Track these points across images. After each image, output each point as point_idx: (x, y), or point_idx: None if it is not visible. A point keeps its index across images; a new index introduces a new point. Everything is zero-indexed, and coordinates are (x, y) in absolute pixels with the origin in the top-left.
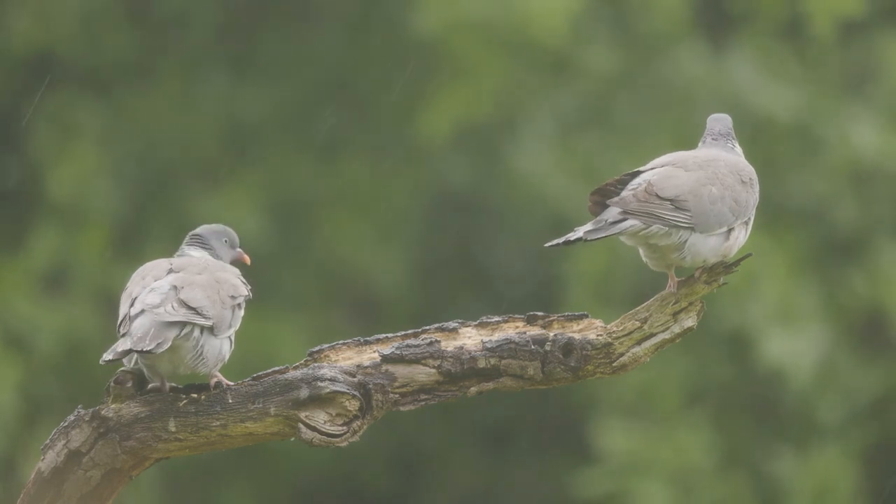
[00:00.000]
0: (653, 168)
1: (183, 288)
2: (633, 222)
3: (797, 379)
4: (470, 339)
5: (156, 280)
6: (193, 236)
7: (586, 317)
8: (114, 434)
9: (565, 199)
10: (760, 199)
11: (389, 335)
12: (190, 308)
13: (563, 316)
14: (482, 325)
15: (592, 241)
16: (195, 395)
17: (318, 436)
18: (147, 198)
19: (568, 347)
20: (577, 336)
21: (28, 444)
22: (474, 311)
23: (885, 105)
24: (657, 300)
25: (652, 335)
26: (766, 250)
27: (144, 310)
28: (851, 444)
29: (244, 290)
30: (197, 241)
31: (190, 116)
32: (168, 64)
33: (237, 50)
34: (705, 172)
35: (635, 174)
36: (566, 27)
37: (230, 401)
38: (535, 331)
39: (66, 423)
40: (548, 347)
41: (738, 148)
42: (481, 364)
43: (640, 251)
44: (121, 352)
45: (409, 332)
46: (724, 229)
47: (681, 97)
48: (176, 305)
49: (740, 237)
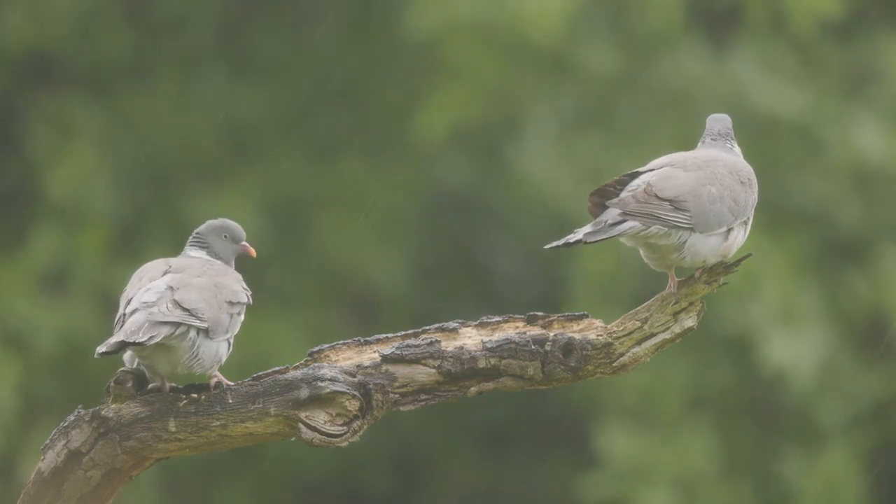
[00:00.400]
0: (652, 169)
1: (179, 289)
2: (632, 224)
3: (799, 382)
4: (470, 339)
5: (152, 280)
6: (195, 235)
7: (586, 317)
8: (114, 434)
9: (566, 200)
10: (761, 200)
11: (389, 335)
12: (184, 309)
13: (564, 316)
14: (482, 326)
15: (592, 243)
16: (195, 395)
17: (319, 436)
18: (145, 198)
19: (568, 347)
20: (577, 336)
21: (28, 444)
22: (474, 312)
23: (887, 107)
24: (657, 300)
25: (652, 335)
26: (768, 252)
27: (139, 308)
28: (854, 447)
29: (244, 297)
30: (197, 240)
31: (188, 117)
32: (166, 64)
33: (235, 50)
34: (704, 173)
35: (634, 175)
36: (561, 27)
37: (230, 401)
38: (535, 331)
39: (66, 423)
40: (548, 347)
41: (737, 148)
42: (481, 364)
43: (640, 251)
44: (113, 343)
45: (409, 332)
46: (724, 229)
47: (682, 98)
48: (170, 306)
49: (739, 237)
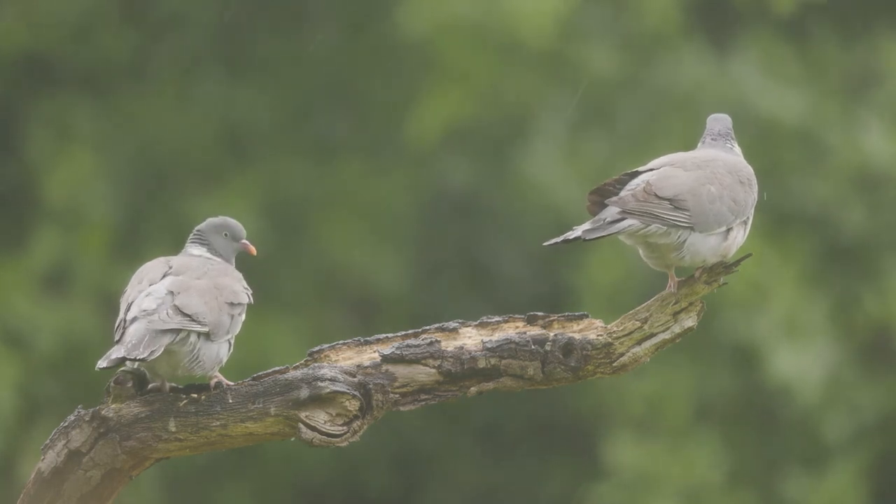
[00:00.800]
0: (651, 169)
1: (179, 293)
2: (631, 222)
3: (804, 394)
4: (470, 339)
5: (152, 283)
6: (195, 232)
7: (586, 317)
8: (114, 434)
9: (569, 202)
10: (764, 204)
11: (389, 335)
12: (185, 315)
13: (564, 316)
14: (482, 325)
15: (590, 240)
16: (195, 396)
17: (319, 436)
18: (144, 199)
19: (568, 347)
20: (577, 336)
21: (28, 444)
22: (475, 313)
23: (890, 109)
24: (657, 300)
25: (652, 335)
26: (772, 259)
27: (138, 316)
28: (860, 461)
29: (244, 298)
30: (197, 238)
31: (186, 118)
32: (165, 65)
33: (233, 52)
34: (704, 172)
35: (634, 174)
36: (553, 27)
37: (230, 401)
38: (535, 331)
39: (66, 423)
40: (548, 347)
41: (737, 148)
42: (481, 364)
43: (640, 251)
44: (114, 359)
45: (410, 332)
46: (723, 229)
47: (684, 100)
48: (171, 312)
49: (738, 237)
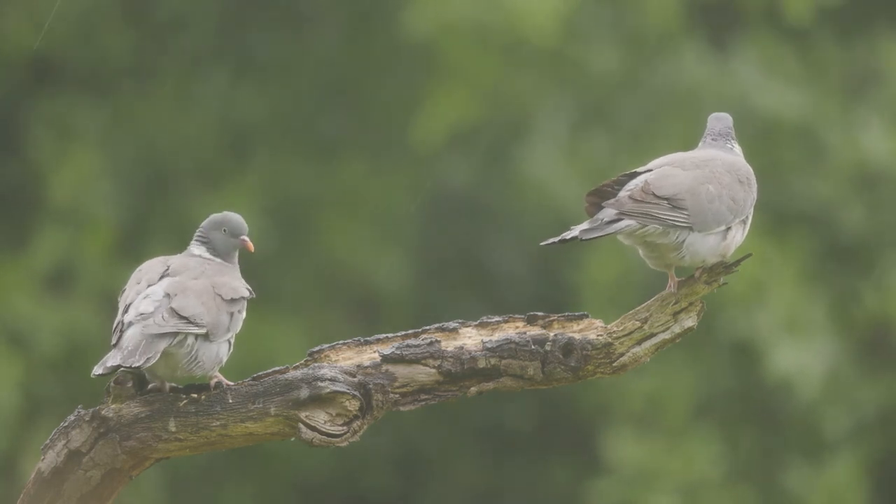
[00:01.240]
0: (650, 169)
1: (176, 295)
2: (628, 222)
3: (804, 390)
4: (470, 339)
5: (150, 285)
6: (198, 230)
7: (586, 317)
8: (114, 434)
9: (569, 201)
10: (764, 202)
11: (389, 335)
12: (182, 317)
13: (564, 316)
14: (482, 325)
15: (587, 240)
16: (195, 395)
17: (319, 436)
18: (147, 199)
19: (568, 347)
20: (577, 336)
21: (28, 444)
22: (476, 313)
23: (890, 108)
24: (657, 300)
25: (652, 335)
26: (773, 260)
27: (133, 322)
28: (860, 456)
29: (244, 292)
30: (199, 237)
31: (189, 118)
32: (167, 65)
33: (236, 52)
34: (703, 171)
35: (632, 175)
36: (555, 26)
37: (230, 401)
38: (535, 331)
39: (66, 423)
40: (548, 347)
41: (738, 148)
42: (481, 364)
43: (639, 251)
44: (110, 367)
45: (410, 332)
46: (722, 228)
47: (685, 99)
48: (167, 315)
49: (738, 236)
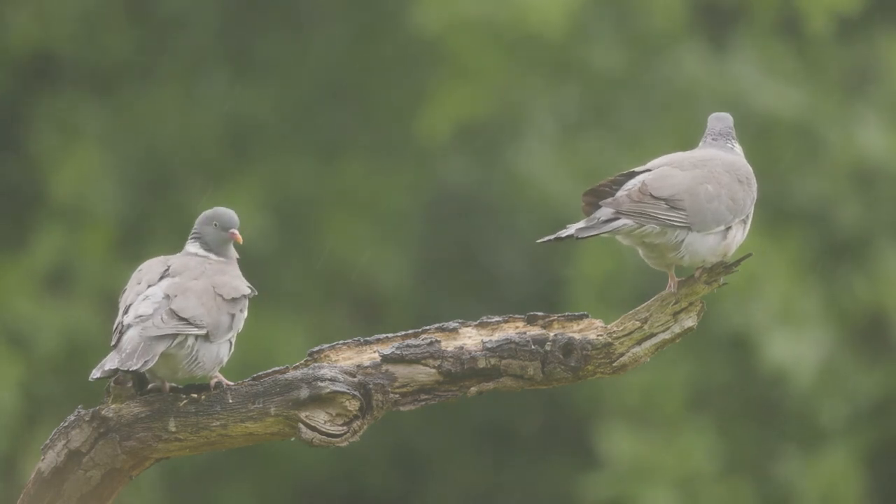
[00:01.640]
0: (648, 169)
1: (176, 297)
2: (625, 221)
3: (800, 381)
4: (470, 339)
5: (149, 285)
6: (194, 227)
7: (586, 317)
8: (114, 434)
9: (566, 200)
10: (762, 198)
11: (389, 335)
12: (181, 319)
13: (564, 316)
14: (482, 325)
15: (583, 238)
16: (195, 395)
17: (319, 436)
18: (149, 198)
19: (568, 347)
20: (577, 336)
21: (28, 444)
22: (475, 312)
23: (887, 105)
24: (657, 300)
25: (652, 335)
26: (768, 252)
27: (132, 324)
28: (855, 447)
29: (245, 290)
30: (194, 234)
31: (191, 116)
32: (169, 64)
33: (238, 50)
34: (701, 171)
35: (630, 175)
36: (563, 22)
37: (230, 401)
38: (535, 331)
39: (66, 423)
40: (548, 347)
41: (738, 147)
42: (481, 364)
43: (639, 251)
44: (108, 370)
45: (410, 332)
46: (722, 228)
47: (683, 97)
48: (166, 317)
49: (738, 236)
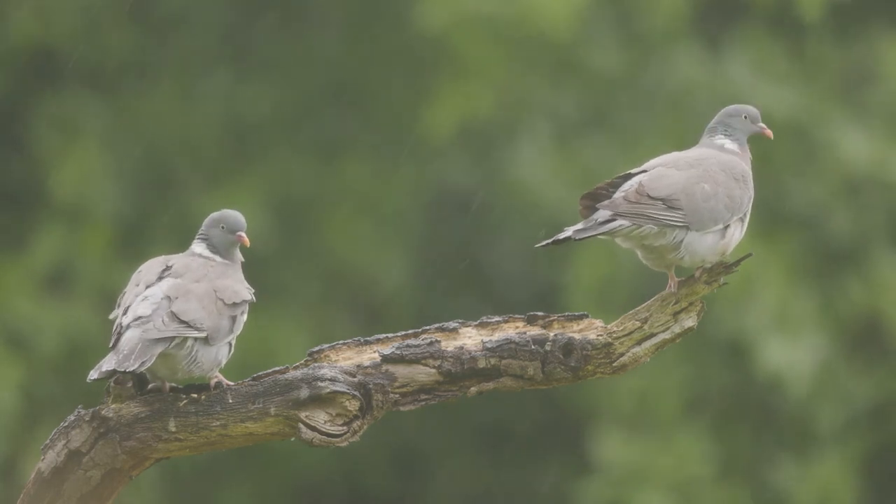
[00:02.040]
0: (645, 170)
1: (177, 299)
2: (622, 222)
3: (795, 387)
4: (470, 339)
5: (147, 286)
6: (201, 228)
7: (586, 317)
8: (114, 434)
9: (563, 201)
10: (757, 203)
11: (389, 335)
12: (182, 321)
13: (564, 316)
14: (482, 325)
15: (581, 239)
16: (195, 395)
17: (319, 436)
18: (149, 197)
19: (568, 347)
20: (577, 336)
21: (28, 444)
22: (475, 312)
23: (882, 109)
24: (657, 300)
25: (652, 335)
26: (764, 257)
27: (132, 325)
28: (850, 451)
29: (246, 295)
30: (201, 235)
31: (192, 115)
32: (170, 63)
33: (239, 49)
34: (697, 171)
35: (627, 177)
36: (570, 22)
37: (230, 401)
38: (535, 331)
39: (66, 423)
40: (548, 347)
41: (729, 142)
42: (481, 364)
43: (638, 253)
44: (105, 371)
45: (410, 332)
46: (720, 226)
47: (679, 99)
48: (167, 320)
49: (736, 234)
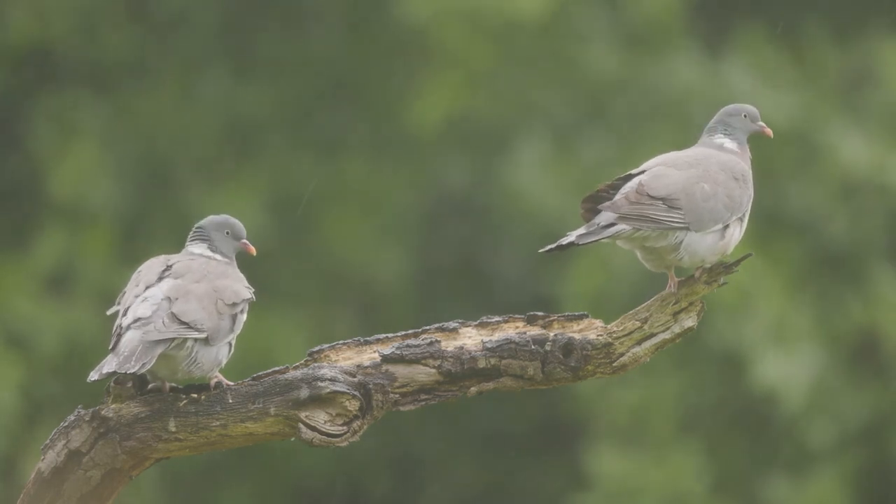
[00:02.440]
0: (644, 170)
1: (177, 300)
2: (623, 226)
3: (790, 401)
4: (470, 339)
5: (148, 286)
6: (197, 228)
7: (586, 317)
8: (114, 434)
9: (561, 203)
10: (754, 209)
11: (389, 335)
12: (182, 323)
13: (564, 316)
14: (482, 325)
15: (584, 244)
16: (195, 396)
17: (319, 436)
18: (149, 196)
19: (568, 347)
20: (577, 336)
21: (28, 444)
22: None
23: (882, 114)
24: (657, 300)
25: (652, 335)
26: (760, 269)
27: (132, 326)
28: (843, 469)
29: (246, 294)
30: (199, 234)
31: (191, 114)
32: (169, 62)
33: (237, 48)
34: (696, 171)
35: (627, 178)
36: (541, 8)
37: (230, 401)
38: (535, 331)
39: (66, 423)
40: (548, 347)
41: (730, 142)
42: (481, 364)
43: (637, 254)
44: (106, 373)
45: (410, 332)
46: (720, 226)
47: (677, 104)
48: (167, 321)
49: (736, 234)
